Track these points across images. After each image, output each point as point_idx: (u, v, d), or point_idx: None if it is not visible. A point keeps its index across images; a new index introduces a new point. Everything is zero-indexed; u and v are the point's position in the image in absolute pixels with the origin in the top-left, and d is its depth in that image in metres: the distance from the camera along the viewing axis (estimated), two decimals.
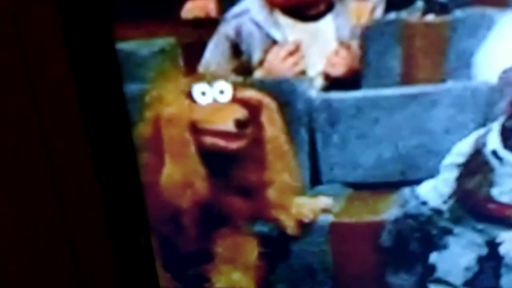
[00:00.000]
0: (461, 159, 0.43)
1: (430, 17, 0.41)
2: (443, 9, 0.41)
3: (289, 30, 0.41)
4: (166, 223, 0.46)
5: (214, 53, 0.40)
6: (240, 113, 0.39)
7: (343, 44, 0.41)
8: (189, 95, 0.41)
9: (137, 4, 0.40)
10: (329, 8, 0.41)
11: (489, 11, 0.40)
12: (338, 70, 0.41)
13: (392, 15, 0.41)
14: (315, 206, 0.46)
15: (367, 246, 0.47)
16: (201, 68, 0.41)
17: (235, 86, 0.41)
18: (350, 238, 0.47)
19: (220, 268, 0.47)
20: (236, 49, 0.41)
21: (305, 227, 0.46)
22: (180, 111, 0.41)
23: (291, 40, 0.40)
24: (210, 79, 0.40)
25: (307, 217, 0.46)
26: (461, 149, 0.43)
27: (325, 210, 0.46)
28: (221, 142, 0.42)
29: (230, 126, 0.41)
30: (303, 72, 0.41)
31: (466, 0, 0.40)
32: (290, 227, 0.46)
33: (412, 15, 0.41)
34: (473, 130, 0.43)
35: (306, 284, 0.48)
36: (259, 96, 0.41)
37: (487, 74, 0.42)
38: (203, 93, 0.40)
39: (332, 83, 0.42)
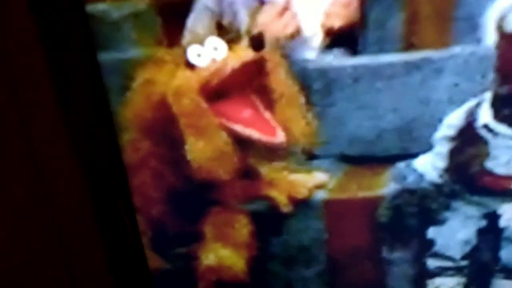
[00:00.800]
0: (452, 132, 0.42)
1: None
2: None
3: None
4: (154, 203, 0.44)
5: (197, 27, 0.37)
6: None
7: None
8: (187, 64, 0.37)
9: None
10: None
11: None
12: (336, 21, 0.38)
13: None
14: (310, 182, 0.44)
15: (363, 223, 0.46)
16: (184, 44, 0.38)
17: (228, 41, 0.38)
18: (346, 215, 0.45)
19: (209, 246, 0.46)
20: (219, 20, 0.37)
21: (299, 204, 0.45)
22: (185, 82, 0.38)
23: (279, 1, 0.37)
24: (198, 38, 0.36)
25: (301, 194, 0.45)
26: (452, 122, 0.41)
27: (320, 186, 0.44)
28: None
29: (247, 55, 0.37)
30: (298, 32, 0.38)
31: None
32: (284, 204, 0.45)
33: None
34: (471, 99, 0.41)
35: (299, 262, 0.47)
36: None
37: (493, 38, 0.39)
38: (199, 55, 0.37)
39: (331, 40, 0.39)
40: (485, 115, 0.40)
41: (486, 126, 0.41)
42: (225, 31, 0.38)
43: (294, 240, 0.46)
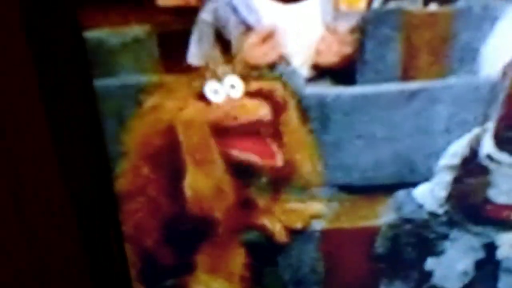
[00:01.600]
0: (456, 161, 0.42)
1: (433, 7, 0.39)
2: None
3: (267, 13, 0.38)
4: (146, 232, 0.43)
5: (200, 42, 0.37)
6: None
7: (330, 29, 0.38)
8: (200, 96, 0.38)
9: None
10: None
11: (494, 2, 0.38)
12: (325, 58, 0.38)
13: (392, 4, 0.39)
14: (306, 211, 0.44)
15: (360, 253, 0.46)
16: (189, 59, 0.38)
17: (245, 78, 0.38)
18: (343, 245, 0.45)
19: (200, 278, 0.45)
20: (221, 36, 0.38)
21: (295, 234, 0.44)
22: (196, 114, 0.38)
23: (265, 25, 0.37)
24: (217, 75, 0.37)
25: (297, 224, 0.44)
26: (456, 150, 0.42)
27: (316, 216, 0.44)
28: (255, 134, 0.39)
29: (265, 114, 0.38)
30: (280, 61, 0.38)
31: None
32: (279, 234, 0.44)
33: (413, 4, 0.39)
34: (472, 129, 0.42)
35: None
36: (273, 85, 0.38)
37: (490, 69, 0.40)
38: (215, 91, 0.37)
39: (320, 74, 0.39)
40: (488, 145, 0.41)
41: (489, 156, 0.42)
42: (228, 47, 0.38)
43: (290, 272, 0.46)
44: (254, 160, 0.41)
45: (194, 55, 0.38)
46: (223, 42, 0.39)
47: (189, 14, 0.38)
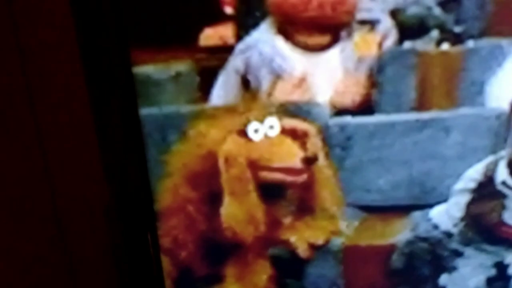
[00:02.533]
0: (472, 185, 0.47)
1: (445, 47, 0.44)
2: (457, 39, 0.44)
3: (296, 62, 0.44)
4: (182, 246, 0.48)
5: (225, 87, 0.43)
6: (309, 151, 0.42)
7: (349, 74, 0.44)
8: (241, 132, 0.43)
9: (154, 30, 0.42)
10: (336, 40, 0.44)
11: (503, 42, 0.43)
12: (345, 99, 0.44)
13: (407, 44, 0.44)
14: (328, 229, 0.49)
15: (377, 269, 0.50)
16: (213, 101, 0.44)
17: (282, 117, 0.44)
18: (362, 261, 0.50)
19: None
20: (246, 82, 0.44)
21: (317, 250, 0.49)
22: (237, 149, 0.44)
23: (297, 73, 0.43)
24: (261, 116, 0.43)
25: (320, 240, 0.49)
26: (472, 175, 0.47)
27: (338, 233, 0.49)
28: (287, 178, 0.45)
29: (297, 163, 0.44)
30: (311, 100, 0.44)
31: (480, 31, 0.44)
32: (303, 249, 0.49)
33: (427, 45, 0.44)
34: (484, 156, 0.46)
35: None
36: (304, 125, 0.44)
37: (498, 103, 0.45)
38: (256, 130, 0.43)
39: (341, 111, 0.45)
40: (503, 172, 0.45)
41: (504, 183, 0.46)
42: (251, 91, 0.44)
43: (312, 285, 0.50)
44: (281, 177, 0.46)
45: (218, 97, 0.44)
46: (246, 87, 0.44)
47: (225, 52, 0.44)
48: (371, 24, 0.44)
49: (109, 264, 0.54)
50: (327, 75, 0.45)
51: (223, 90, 0.44)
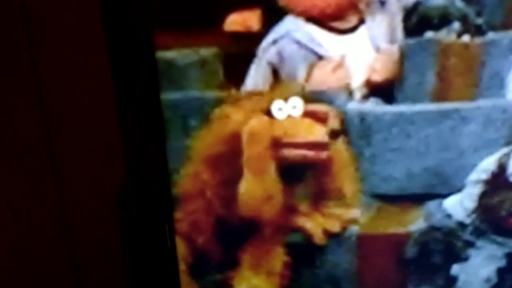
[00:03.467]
0: (485, 176, 0.48)
1: (466, 38, 0.45)
2: (478, 31, 0.45)
3: (330, 44, 0.45)
4: (200, 231, 0.50)
5: (256, 78, 0.44)
6: (334, 123, 0.43)
7: (381, 51, 0.45)
8: (266, 112, 0.45)
9: (178, 14, 0.43)
10: (361, 21, 0.45)
11: None
12: (379, 76, 0.45)
13: (428, 35, 0.45)
14: (344, 217, 0.50)
15: (391, 257, 0.52)
16: (243, 91, 0.45)
17: (305, 100, 0.45)
18: (376, 249, 0.51)
19: (244, 274, 0.51)
20: (276, 72, 0.45)
21: (332, 237, 0.50)
22: (261, 127, 0.45)
23: (335, 55, 0.44)
24: (285, 95, 0.44)
25: (335, 228, 0.50)
26: (486, 166, 0.48)
27: (353, 221, 0.50)
28: (309, 153, 0.46)
29: (322, 137, 0.45)
30: (347, 85, 0.45)
31: (501, 23, 0.45)
32: (318, 236, 0.50)
33: (448, 36, 0.45)
34: (500, 148, 0.48)
35: None
36: (326, 108, 0.45)
37: None
38: (280, 109, 0.44)
39: (371, 92, 0.45)
40: None
41: None
42: (281, 82, 0.45)
43: (326, 272, 0.52)
44: (303, 154, 0.46)
45: (250, 86, 0.45)
46: (277, 78, 0.45)
47: (250, 39, 0.45)
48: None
49: (118, 250, 0.56)
50: (357, 56, 0.45)
51: (254, 81, 0.45)
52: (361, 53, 0.45)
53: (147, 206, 0.50)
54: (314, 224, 0.51)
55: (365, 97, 0.46)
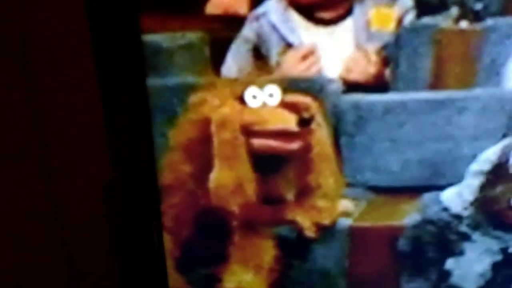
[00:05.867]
0: (487, 167, 0.48)
1: (463, 24, 0.45)
2: (476, 17, 0.45)
3: (306, 33, 0.44)
4: (185, 224, 0.49)
5: (237, 56, 0.43)
6: (305, 111, 0.43)
7: (360, 49, 0.44)
8: (239, 98, 0.44)
9: None
10: (348, 12, 0.44)
11: None
12: (354, 75, 0.45)
13: (425, 20, 0.45)
14: (335, 209, 0.50)
15: (384, 251, 0.51)
16: (224, 71, 0.44)
17: (284, 89, 0.44)
18: (368, 243, 0.51)
19: (232, 268, 0.51)
20: (257, 51, 0.44)
21: (324, 230, 0.50)
22: (232, 114, 0.44)
23: (306, 43, 0.43)
24: (259, 83, 0.43)
25: (326, 220, 0.50)
26: (489, 157, 0.48)
27: (345, 214, 0.50)
28: (278, 144, 0.45)
29: (292, 125, 0.44)
30: (319, 74, 0.45)
31: (500, 9, 0.44)
32: (309, 229, 0.50)
33: (445, 21, 0.45)
34: (499, 138, 0.47)
35: (319, 287, 0.51)
36: (306, 99, 0.44)
37: None
38: (254, 97, 0.43)
39: (350, 87, 0.46)
40: None
41: None
42: (260, 60, 0.45)
43: (317, 266, 0.52)
44: (274, 145, 0.46)
45: (230, 68, 0.45)
46: (258, 57, 0.45)
47: (236, 23, 0.44)
48: None
49: (106, 244, 0.55)
50: (338, 49, 0.45)
51: (234, 61, 0.44)
52: (339, 47, 0.45)
53: (133, 199, 0.49)
54: (305, 217, 0.50)
55: (344, 92, 0.46)
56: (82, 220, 0.59)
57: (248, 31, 0.44)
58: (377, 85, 0.47)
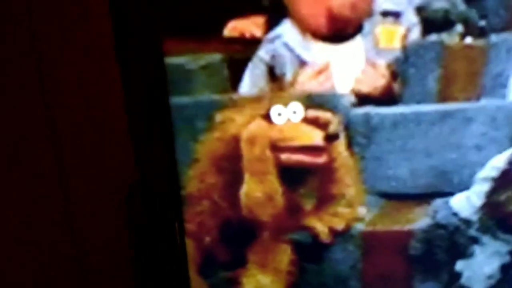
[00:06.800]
0: (494, 173, 0.50)
1: (469, 40, 0.47)
2: (481, 33, 0.47)
3: (319, 52, 0.47)
4: (207, 230, 0.52)
5: (253, 75, 0.47)
6: (328, 126, 0.46)
7: (370, 64, 0.47)
8: (265, 116, 0.47)
9: (185, 22, 0.46)
10: (358, 30, 0.47)
11: None
12: (367, 90, 0.48)
13: (432, 37, 0.48)
14: (349, 215, 0.53)
15: (396, 254, 0.54)
16: (241, 90, 0.47)
17: (306, 105, 0.47)
18: (381, 246, 0.54)
19: (251, 272, 0.54)
20: (272, 71, 0.47)
21: (338, 235, 0.53)
22: (260, 131, 0.48)
23: (318, 63, 0.48)
24: (285, 100, 0.46)
25: (341, 226, 0.53)
26: (496, 164, 0.50)
27: (359, 220, 0.53)
28: (306, 158, 0.48)
29: (319, 141, 0.48)
30: (332, 90, 0.48)
31: (503, 25, 0.47)
32: (324, 234, 0.53)
33: (451, 38, 0.47)
34: (505, 146, 0.50)
35: None
36: (327, 114, 0.47)
37: None
38: (279, 114, 0.47)
39: (362, 100, 0.48)
40: None
41: None
42: (275, 80, 0.48)
43: (332, 269, 0.54)
44: (301, 159, 0.49)
45: (246, 86, 0.48)
46: (273, 76, 0.48)
47: (253, 45, 0.48)
48: (395, 16, 0.47)
49: (127, 250, 0.58)
50: (348, 65, 0.48)
51: (250, 80, 0.48)
52: (350, 63, 0.48)
53: (156, 207, 0.52)
54: (320, 223, 0.53)
55: (356, 105, 0.49)
56: (101, 226, 0.62)
57: (263, 53, 0.48)
58: (387, 98, 0.49)
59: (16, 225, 0.61)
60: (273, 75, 0.48)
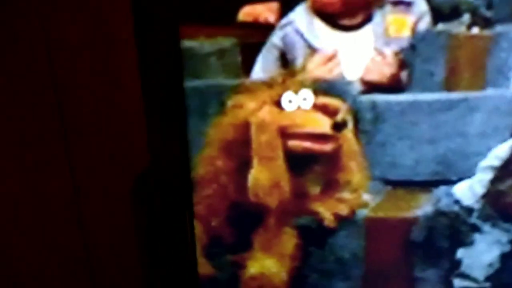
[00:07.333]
0: (497, 162, 0.52)
1: (475, 30, 0.49)
2: (487, 23, 0.49)
3: (329, 39, 0.48)
4: (215, 214, 0.54)
5: (265, 61, 0.48)
6: (337, 114, 0.47)
7: (379, 53, 0.48)
8: (276, 103, 0.48)
9: (201, 7, 0.47)
10: (368, 19, 0.48)
11: None
12: (375, 78, 0.49)
13: (439, 27, 0.49)
14: (354, 201, 0.54)
15: (398, 240, 0.55)
16: (253, 75, 0.49)
17: (316, 92, 0.48)
18: (383, 232, 0.55)
19: (256, 255, 0.55)
20: (284, 57, 0.48)
21: (342, 221, 0.54)
22: (270, 117, 0.48)
23: (328, 50, 0.49)
24: (296, 87, 0.47)
25: (345, 212, 0.54)
26: (499, 153, 0.52)
27: (363, 206, 0.54)
28: (314, 145, 0.49)
29: (327, 129, 0.49)
30: (340, 77, 0.50)
31: (509, 16, 0.48)
32: (329, 220, 0.54)
33: (458, 28, 0.49)
34: (508, 136, 0.51)
35: (337, 275, 0.55)
36: (336, 102, 0.48)
37: None
38: (290, 101, 0.48)
39: (370, 88, 0.50)
40: None
41: None
42: (287, 65, 0.49)
43: (335, 254, 0.55)
44: (309, 146, 0.50)
45: (258, 72, 0.49)
46: (284, 62, 0.49)
47: (266, 30, 0.49)
48: (405, 5, 0.48)
49: (135, 234, 0.59)
50: (358, 53, 0.49)
51: (262, 65, 0.49)
52: (359, 51, 0.49)
53: (167, 189, 0.53)
54: (325, 208, 0.54)
55: (363, 93, 0.50)
56: (109, 213, 0.63)
57: (275, 39, 0.49)
58: (394, 86, 0.51)
59: (24, 212, 0.61)
60: (285, 61, 0.49)
